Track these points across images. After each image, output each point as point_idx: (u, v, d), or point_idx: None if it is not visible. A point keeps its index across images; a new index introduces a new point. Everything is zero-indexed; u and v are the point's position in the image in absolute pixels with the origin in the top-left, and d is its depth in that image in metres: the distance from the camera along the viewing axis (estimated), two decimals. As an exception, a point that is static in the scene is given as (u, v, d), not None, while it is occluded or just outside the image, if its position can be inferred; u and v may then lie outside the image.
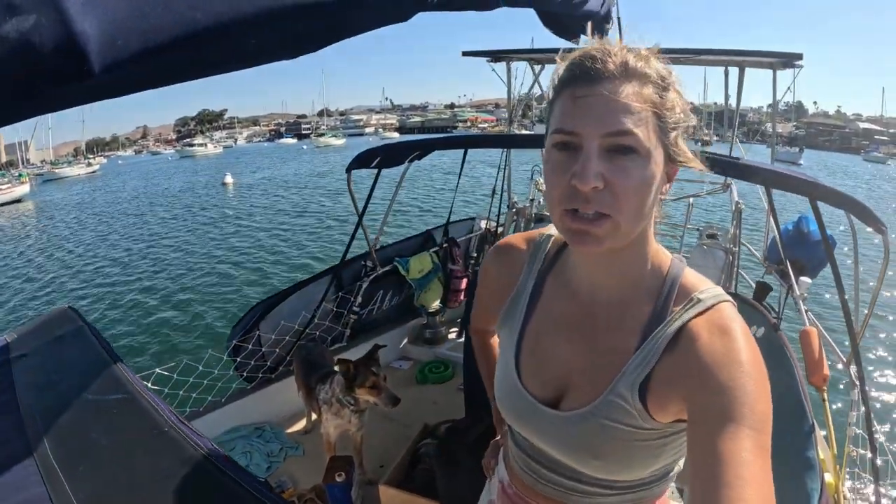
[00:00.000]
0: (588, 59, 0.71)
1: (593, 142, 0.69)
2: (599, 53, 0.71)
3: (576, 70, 0.71)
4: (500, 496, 1.08)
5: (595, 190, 0.68)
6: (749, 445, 0.61)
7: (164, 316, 8.83)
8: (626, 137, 0.68)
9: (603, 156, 0.69)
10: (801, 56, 3.56)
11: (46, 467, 1.05)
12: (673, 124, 0.72)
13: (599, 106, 0.68)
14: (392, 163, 3.40)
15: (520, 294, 0.95)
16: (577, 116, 0.70)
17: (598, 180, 0.68)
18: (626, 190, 0.69)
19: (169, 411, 1.20)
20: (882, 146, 64.57)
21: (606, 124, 0.68)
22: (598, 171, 0.68)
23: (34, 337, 1.67)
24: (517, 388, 0.90)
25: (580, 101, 0.70)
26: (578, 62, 0.72)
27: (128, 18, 0.46)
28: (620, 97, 0.68)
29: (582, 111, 0.69)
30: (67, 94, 0.52)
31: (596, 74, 0.69)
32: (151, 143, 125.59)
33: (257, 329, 3.21)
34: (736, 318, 0.74)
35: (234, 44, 0.60)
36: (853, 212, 2.14)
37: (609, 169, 0.69)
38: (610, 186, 0.69)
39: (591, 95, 0.69)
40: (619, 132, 0.68)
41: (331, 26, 0.76)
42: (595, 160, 0.68)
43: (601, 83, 0.69)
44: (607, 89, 0.68)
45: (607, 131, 0.68)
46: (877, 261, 2.57)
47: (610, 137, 0.68)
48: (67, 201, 28.57)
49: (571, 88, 0.71)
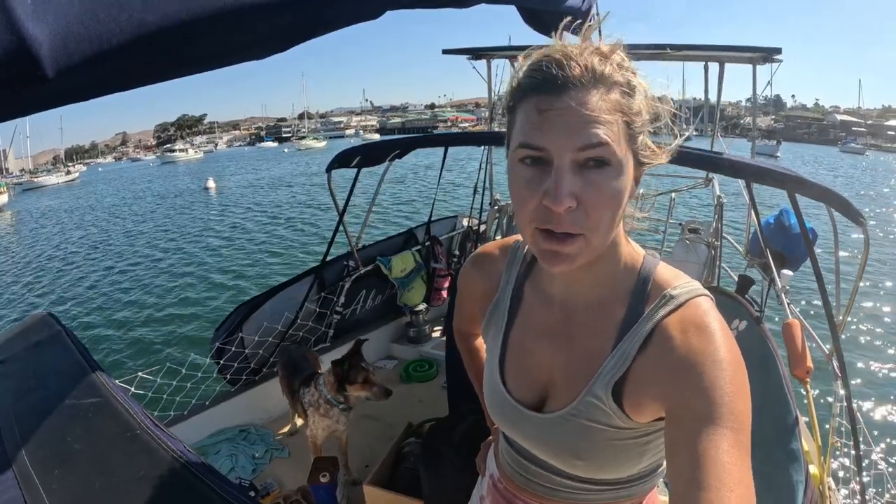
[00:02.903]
0: (551, 65, 0.65)
1: (564, 158, 0.65)
2: (563, 57, 0.65)
3: (538, 77, 0.66)
4: (490, 491, 1.08)
5: (569, 209, 0.65)
6: (727, 446, 0.60)
7: (147, 320, 8.75)
8: (600, 149, 0.64)
9: (575, 171, 0.65)
10: (780, 51, 3.59)
11: (23, 474, 1.05)
12: (640, 128, 0.69)
13: (569, 119, 0.64)
14: (372, 162, 3.39)
15: (500, 301, 0.95)
16: (545, 131, 0.65)
17: (572, 200, 0.65)
18: (599, 206, 0.66)
19: (143, 414, 1.20)
20: (860, 138, 65.50)
21: (578, 138, 0.64)
22: (571, 191, 0.65)
23: (12, 343, 1.65)
24: (502, 394, 0.91)
25: (547, 114, 0.65)
26: (540, 68, 0.67)
27: (80, 22, 0.46)
28: (590, 108, 0.64)
29: (549, 125, 0.65)
30: (28, 100, 0.52)
31: (562, 83, 0.64)
32: (131, 150, 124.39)
33: (240, 331, 3.18)
34: (711, 313, 0.72)
35: (195, 46, 0.59)
36: (833, 204, 2.16)
37: (581, 185, 0.65)
38: (583, 204, 0.66)
39: (557, 108, 0.64)
40: (591, 145, 0.64)
41: (297, 25, 0.74)
42: (568, 178, 0.65)
43: (567, 92, 0.64)
44: (575, 99, 0.64)
45: (580, 145, 0.64)
46: (856, 253, 2.59)
47: (582, 152, 0.64)
48: (47, 210, 28.18)
49: (535, 98, 0.66)
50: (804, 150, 56.23)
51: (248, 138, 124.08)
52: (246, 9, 0.62)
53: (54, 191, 43.54)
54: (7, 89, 0.44)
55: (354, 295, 3.92)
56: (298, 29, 0.77)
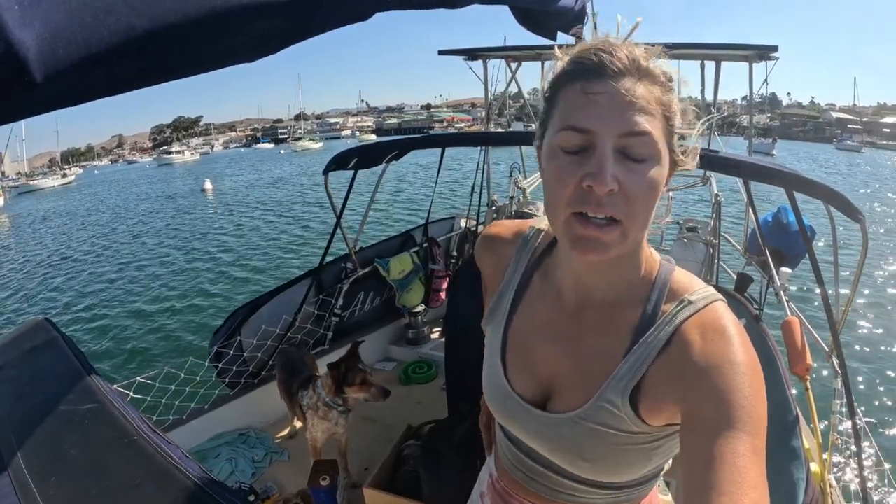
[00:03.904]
0: (598, 53, 0.67)
1: (608, 141, 0.65)
2: (609, 47, 0.67)
3: (585, 63, 0.67)
4: (489, 489, 1.07)
5: (610, 193, 0.65)
6: (744, 450, 0.60)
7: (145, 324, 8.73)
8: (642, 138, 0.65)
9: (617, 157, 0.66)
10: (776, 48, 3.60)
11: (20, 480, 1.04)
12: (677, 128, 0.70)
13: (616, 101, 0.65)
14: (369, 163, 3.38)
15: (505, 291, 0.94)
16: (591, 112, 0.66)
17: (614, 182, 0.65)
18: (638, 194, 0.66)
19: (140, 420, 1.19)
20: (855, 135, 65.63)
21: (624, 123, 0.65)
22: (614, 173, 0.65)
23: (8, 349, 1.65)
24: (504, 388, 0.89)
25: (593, 97, 0.66)
26: (586, 56, 0.68)
27: (67, 28, 0.45)
28: (636, 95, 0.65)
29: (596, 107, 0.65)
30: (17, 105, 0.51)
31: (610, 69, 0.66)
32: (127, 152, 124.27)
33: (238, 334, 3.18)
34: (729, 318, 0.72)
35: (185, 49, 0.59)
36: (831, 202, 2.15)
37: (622, 172, 0.65)
38: (623, 190, 0.66)
39: (605, 92, 0.65)
40: (636, 132, 0.65)
41: (287, 28, 0.74)
42: (611, 160, 0.65)
43: (614, 79, 0.65)
44: (622, 85, 0.65)
45: (625, 131, 0.65)
46: (853, 251, 2.59)
47: (626, 137, 0.65)
48: (43, 213, 28.13)
49: (581, 83, 0.67)
50: (800, 148, 56.32)
51: (244, 140, 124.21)
52: (235, 12, 0.62)
53: (50, 194, 43.52)
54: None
55: (353, 297, 3.91)
56: (288, 32, 0.76)
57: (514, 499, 0.99)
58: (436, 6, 1.21)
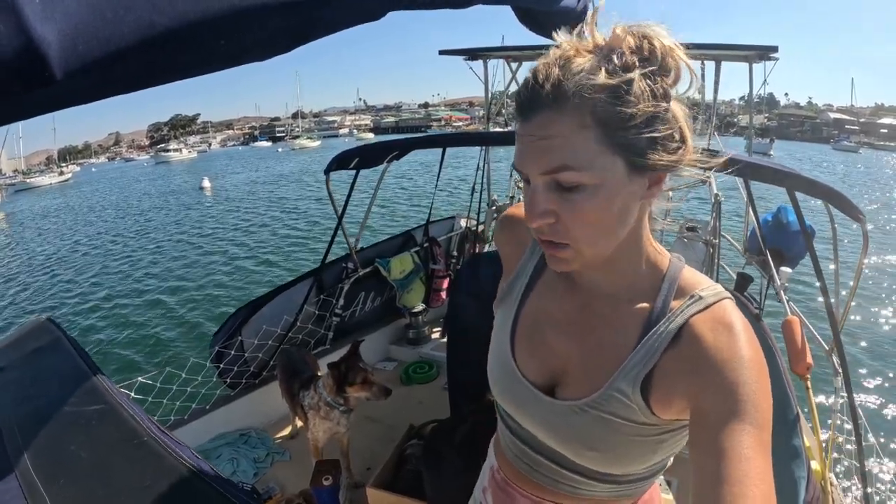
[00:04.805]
0: (527, 86, 0.67)
1: (537, 179, 0.69)
2: (543, 72, 0.66)
3: (521, 96, 0.69)
4: (490, 482, 1.07)
5: (547, 224, 0.70)
6: (752, 442, 0.61)
7: (146, 324, 8.73)
8: (563, 174, 0.66)
9: (551, 188, 0.68)
10: (776, 49, 3.60)
11: (27, 482, 1.03)
12: (634, 131, 0.65)
13: (533, 144, 0.67)
14: (370, 163, 3.38)
15: (520, 275, 0.95)
16: (519, 154, 0.70)
17: (547, 217, 0.69)
18: (576, 223, 0.69)
19: (149, 421, 1.19)
20: (853, 135, 65.77)
21: (540, 164, 0.67)
22: (546, 208, 0.69)
23: (11, 350, 1.64)
24: (513, 371, 0.89)
25: (521, 138, 0.69)
26: (524, 85, 0.69)
27: (88, 23, 0.45)
28: (550, 131, 0.65)
29: (521, 149, 0.69)
30: (36, 101, 0.50)
31: (531, 105, 0.67)
32: (125, 150, 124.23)
33: (239, 334, 3.18)
34: (738, 315, 0.74)
35: (203, 47, 0.58)
36: (831, 201, 2.16)
37: (558, 203, 0.68)
38: (561, 219, 0.69)
39: (525, 134, 0.68)
40: (553, 170, 0.66)
41: (301, 26, 0.74)
42: (542, 197, 0.69)
43: (535, 115, 0.66)
44: (537, 123, 0.66)
45: (543, 170, 0.67)
46: (852, 251, 2.60)
47: (546, 176, 0.67)
48: (40, 211, 28.08)
49: (517, 121, 0.70)
50: (797, 148, 56.43)
51: (241, 138, 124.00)
52: (255, 9, 0.61)
53: (48, 191, 43.47)
54: (16, 90, 0.43)
55: (353, 297, 3.91)
56: (304, 29, 0.76)
57: (514, 489, 0.99)
58: (444, 6, 1.21)
